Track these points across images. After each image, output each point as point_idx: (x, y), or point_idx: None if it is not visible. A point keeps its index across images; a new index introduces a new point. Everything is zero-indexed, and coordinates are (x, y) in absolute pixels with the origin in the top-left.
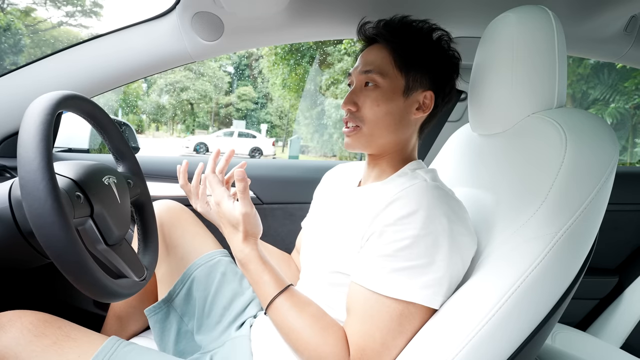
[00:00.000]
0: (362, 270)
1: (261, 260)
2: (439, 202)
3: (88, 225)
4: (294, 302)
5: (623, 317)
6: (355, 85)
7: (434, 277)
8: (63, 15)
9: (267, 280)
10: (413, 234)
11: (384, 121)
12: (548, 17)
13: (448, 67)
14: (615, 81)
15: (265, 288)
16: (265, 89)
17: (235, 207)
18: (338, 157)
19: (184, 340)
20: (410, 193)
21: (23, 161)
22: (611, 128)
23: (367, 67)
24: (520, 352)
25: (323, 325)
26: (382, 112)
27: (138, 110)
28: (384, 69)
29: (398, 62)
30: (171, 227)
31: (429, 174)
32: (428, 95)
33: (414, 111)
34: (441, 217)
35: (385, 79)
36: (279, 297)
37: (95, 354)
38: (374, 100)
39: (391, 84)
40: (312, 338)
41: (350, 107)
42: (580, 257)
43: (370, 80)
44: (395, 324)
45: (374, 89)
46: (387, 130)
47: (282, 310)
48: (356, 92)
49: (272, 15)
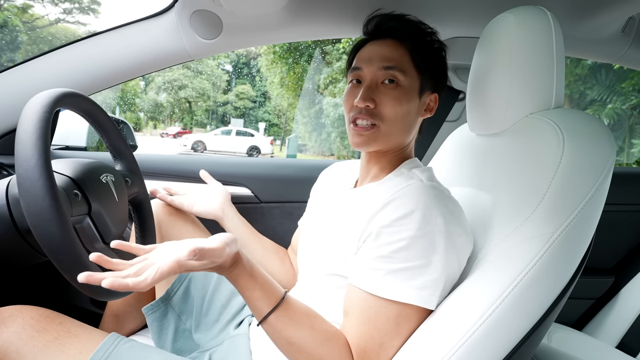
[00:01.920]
0: (359, 272)
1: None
2: (435, 202)
3: (86, 224)
4: (290, 316)
5: (619, 316)
6: (370, 81)
7: (431, 278)
8: (60, 12)
9: (258, 297)
10: (409, 235)
11: (403, 121)
12: (546, 18)
13: (445, 71)
14: (613, 82)
15: (257, 304)
16: (264, 88)
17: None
18: (336, 156)
19: (182, 339)
20: (406, 194)
21: (21, 159)
22: (608, 129)
23: (388, 63)
24: (516, 352)
25: (325, 336)
26: (403, 112)
27: (136, 108)
28: (405, 66)
29: (416, 61)
30: (169, 225)
31: (425, 174)
32: (433, 98)
33: (422, 112)
34: (437, 217)
35: (405, 77)
36: (273, 314)
37: (96, 350)
38: (396, 98)
39: (411, 83)
40: (315, 351)
41: (369, 103)
42: (577, 257)
43: (392, 77)
44: (392, 325)
45: (395, 87)
46: (404, 130)
47: (278, 326)
48: (373, 88)
49: (271, 13)
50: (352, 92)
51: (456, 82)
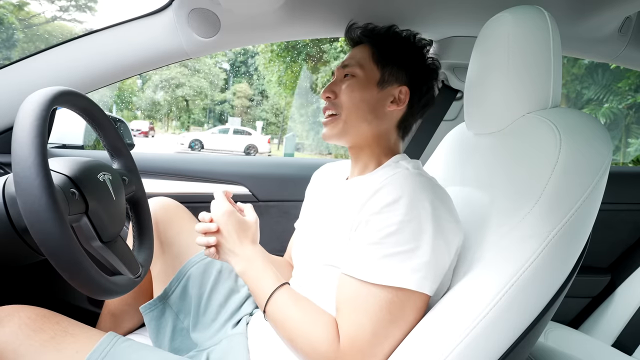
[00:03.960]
0: (350, 260)
1: (265, 259)
2: (421, 188)
3: (83, 222)
4: (291, 295)
5: (615, 315)
6: (335, 77)
7: (421, 261)
8: (57, 10)
9: (269, 276)
10: (398, 220)
11: (360, 108)
12: (544, 18)
13: (425, 69)
14: (609, 81)
15: (267, 282)
16: (261, 86)
17: (248, 214)
18: (334, 154)
19: (180, 338)
20: (393, 181)
21: (17, 158)
22: (605, 128)
23: (347, 62)
24: (513, 350)
25: (316, 314)
26: (357, 99)
27: (133, 107)
28: (362, 62)
29: (376, 56)
30: (166, 224)
31: (412, 164)
32: (403, 90)
33: (389, 104)
34: (424, 201)
35: (361, 70)
36: (278, 290)
37: (93, 350)
38: (349, 86)
39: (366, 75)
40: (305, 325)
41: (329, 94)
42: (574, 255)
43: (348, 72)
44: (384, 313)
45: (350, 79)
46: (362, 118)
47: (280, 302)
48: (336, 82)
49: (269, 12)
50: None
51: (454, 81)
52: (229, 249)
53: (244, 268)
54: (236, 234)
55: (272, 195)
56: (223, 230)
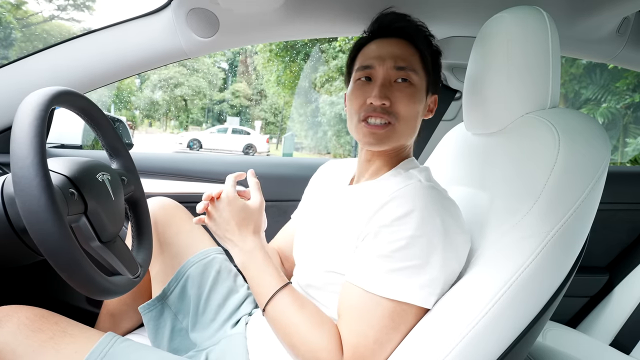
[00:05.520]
0: (357, 270)
1: (266, 253)
2: (433, 203)
3: (82, 222)
4: (294, 298)
5: (613, 314)
6: (383, 79)
7: (429, 277)
8: (55, 9)
9: (271, 273)
10: (408, 235)
11: (415, 120)
12: (542, 18)
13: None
14: (607, 81)
15: (268, 280)
16: (260, 86)
17: (253, 197)
18: (332, 154)
19: (179, 338)
20: (405, 194)
21: (16, 158)
22: (603, 128)
23: (402, 63)
24: (512, 350)
25: (319, 320)
26: (415, 111)
27: (131, 106)
28: (414, 66)
29: (424, 63)
30: (165, 224)
31: (423, 174)
32: (433, 99)
33: (425, 113)
34: (435, 217)
35: (416, 76)
36: (280, 291)
37: (92, 350)
38: (410, 97)
39: (421, 84)
40: (307, 332)
41: (385, 101)
42: (572, 255)
43: (405, 77)
44: (388, 322)
45: (409, 86)
46: (414, 129)
47: (282, 305)
48: (387, 86)
49: (268, 12)
50: (361, 90)
51: (452, 82)
52: (228, 238)
53: (244, 262)
54: (235, 223)
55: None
56: (222, 217)
